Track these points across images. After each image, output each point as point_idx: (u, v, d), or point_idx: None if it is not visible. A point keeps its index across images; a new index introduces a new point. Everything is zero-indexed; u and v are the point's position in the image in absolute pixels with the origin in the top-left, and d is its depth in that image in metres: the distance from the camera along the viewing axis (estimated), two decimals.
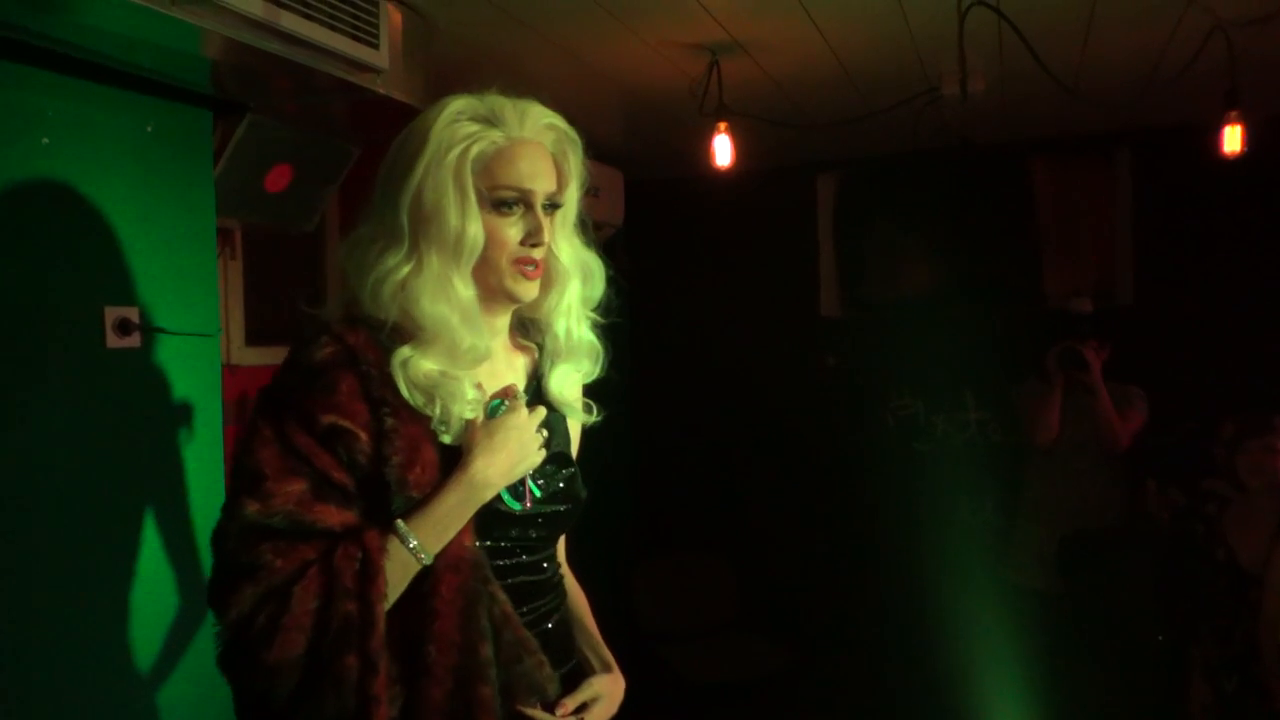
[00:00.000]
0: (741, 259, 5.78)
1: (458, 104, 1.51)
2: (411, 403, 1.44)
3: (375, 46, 2.44)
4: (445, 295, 1.46)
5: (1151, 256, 5.04)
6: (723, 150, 3.62)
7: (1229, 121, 3.48)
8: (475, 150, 1.47)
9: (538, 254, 1.53)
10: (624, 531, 5.84)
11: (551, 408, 1.64)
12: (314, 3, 2.25)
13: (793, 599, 5.58)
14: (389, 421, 1.40)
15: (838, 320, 5.60)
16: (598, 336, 1.68)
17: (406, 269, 1.46)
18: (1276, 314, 4.81)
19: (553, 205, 1.55)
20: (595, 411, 1.69)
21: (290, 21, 2.18)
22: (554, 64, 3.47)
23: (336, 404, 1.40)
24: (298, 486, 1.36)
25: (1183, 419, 4.53)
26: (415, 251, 1.46)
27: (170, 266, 2.50)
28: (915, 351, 5.28)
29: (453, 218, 1.45)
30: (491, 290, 1.53)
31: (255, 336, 3.34)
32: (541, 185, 1.51)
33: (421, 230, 1.46)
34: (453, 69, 3.12)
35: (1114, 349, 4.42)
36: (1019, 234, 5.18)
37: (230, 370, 3.15)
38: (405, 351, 1.45)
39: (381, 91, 2.60)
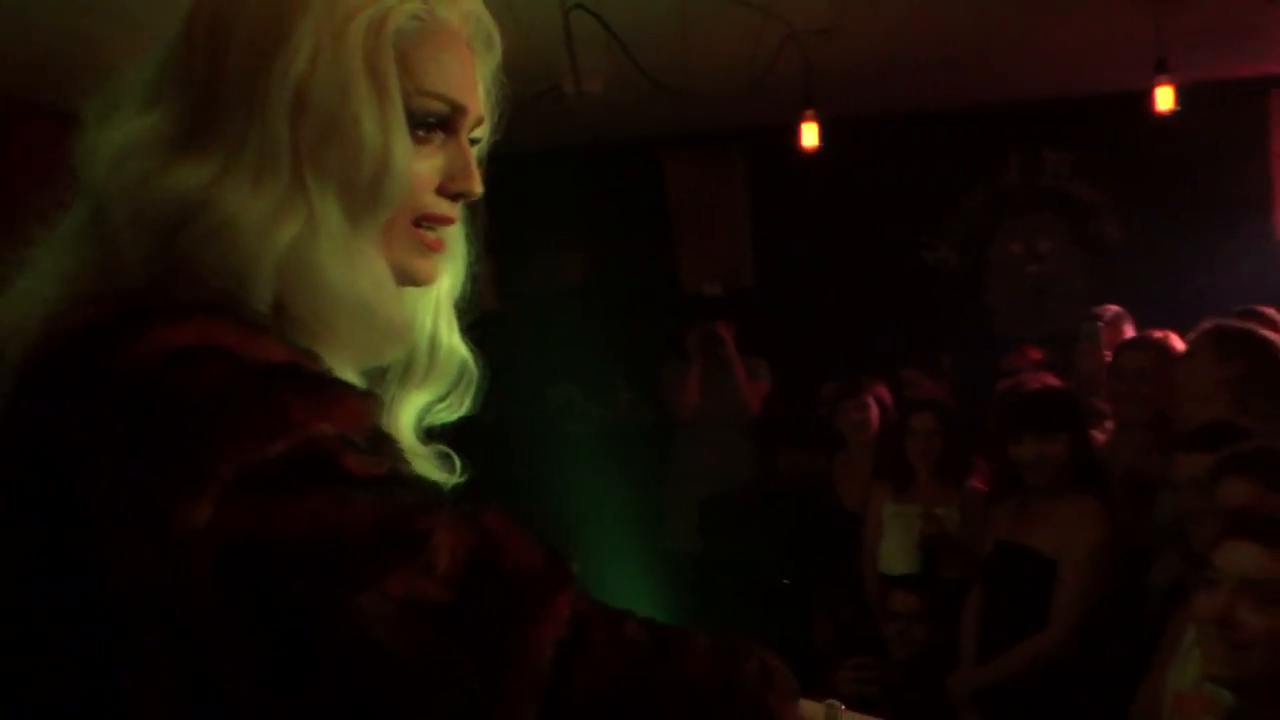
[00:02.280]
0: None
1: None
2: None
3: None
4: (362, 262, 0.85)
5: (767, 242, 5.61)
6: None
7: (805, 119, 3.95)
8: (393, 23, 0.84)
9: (456, 210, 0.93)
10: None
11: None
12: None
13: None
14: None
15: (494, 312, 5.73)
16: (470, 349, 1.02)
17: (293, 221, 0.81)
18: (866, 291, 5.52)
19: (472, 140, 0.95)
20: (458, 467, 1.00)
21: None
22: None
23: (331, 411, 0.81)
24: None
25: (799, 386, 5.08)
26: (301, 187, 0.82)
27: None
28: (569, 339, 5.52)
29: (370, 132, 0.82)
30: None
31: None
32: (474, 102, 0.92)
33: (312, 152, 0.82)
34: None
35: (740, 326, 4.89)
36: (656, 225, 5.60)
37: None
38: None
39: None
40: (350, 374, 0.85)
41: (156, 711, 0.71)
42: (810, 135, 3.90)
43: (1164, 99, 3.98)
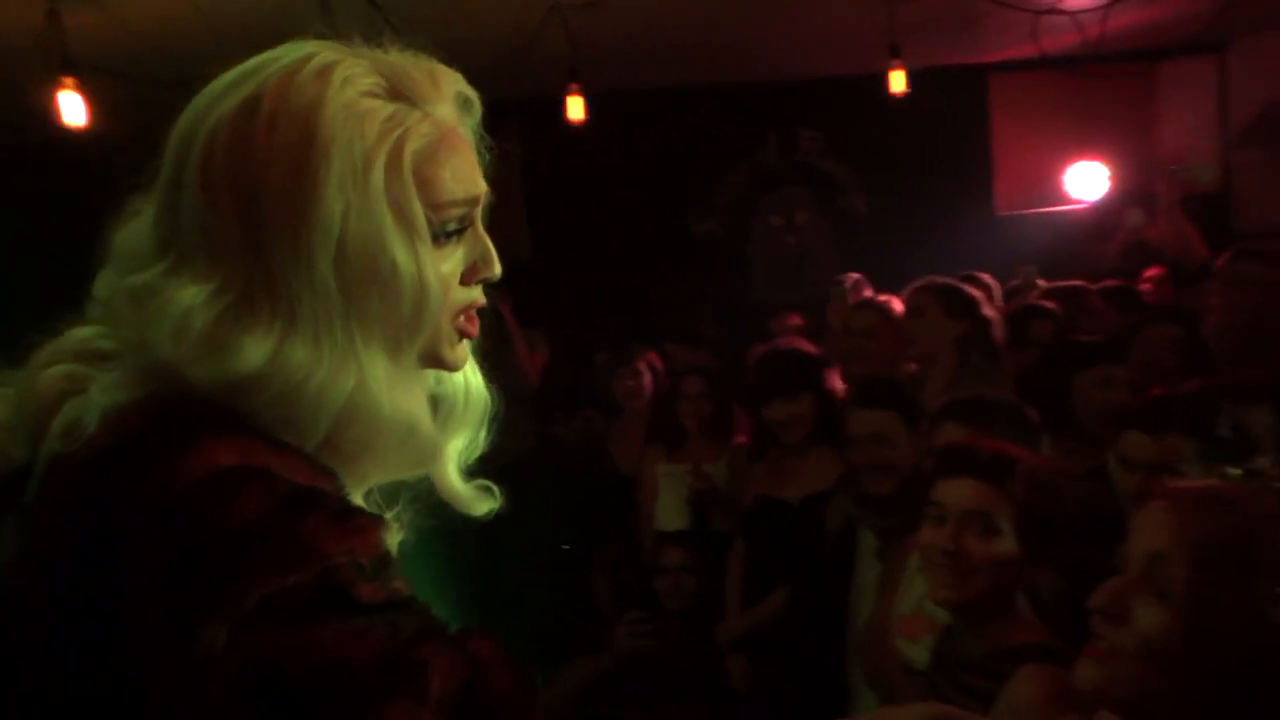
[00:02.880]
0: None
1: (337, 64, 0.88)
2: None
3: None
4: (407, 393, 0.91)
5: (541, 215, 5.67)
6: (72, 109, 3.33)
7: (571, 93, 4.01)
8: (409, 150, 0.88)
9: (481, 292, 0.97)
10: None
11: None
12: None
13: None
14: None
15: None
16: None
17: (350, 374, 0.85)
18: (637, 262, 5.69)
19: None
20: (498, 497, 1.05)
21: None
22: None
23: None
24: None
25: (575, 356, 5.18)
26: (351, 337, 0.86)
27: None
28: None
29: (406, 269, 0.86)
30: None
31: None
32: (480, 186, 0.95)
33: (356, 300, 0.86)
34: None
35: (516, 299, 4.92)
36: None
37: None
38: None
39: None
40: (362, 490, 0.91)
41: None
42: (576, 108, 3.97)
43: (896, 82, 4.33)
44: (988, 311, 3.12)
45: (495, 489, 1.03)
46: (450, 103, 0.92)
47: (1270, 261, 3.25)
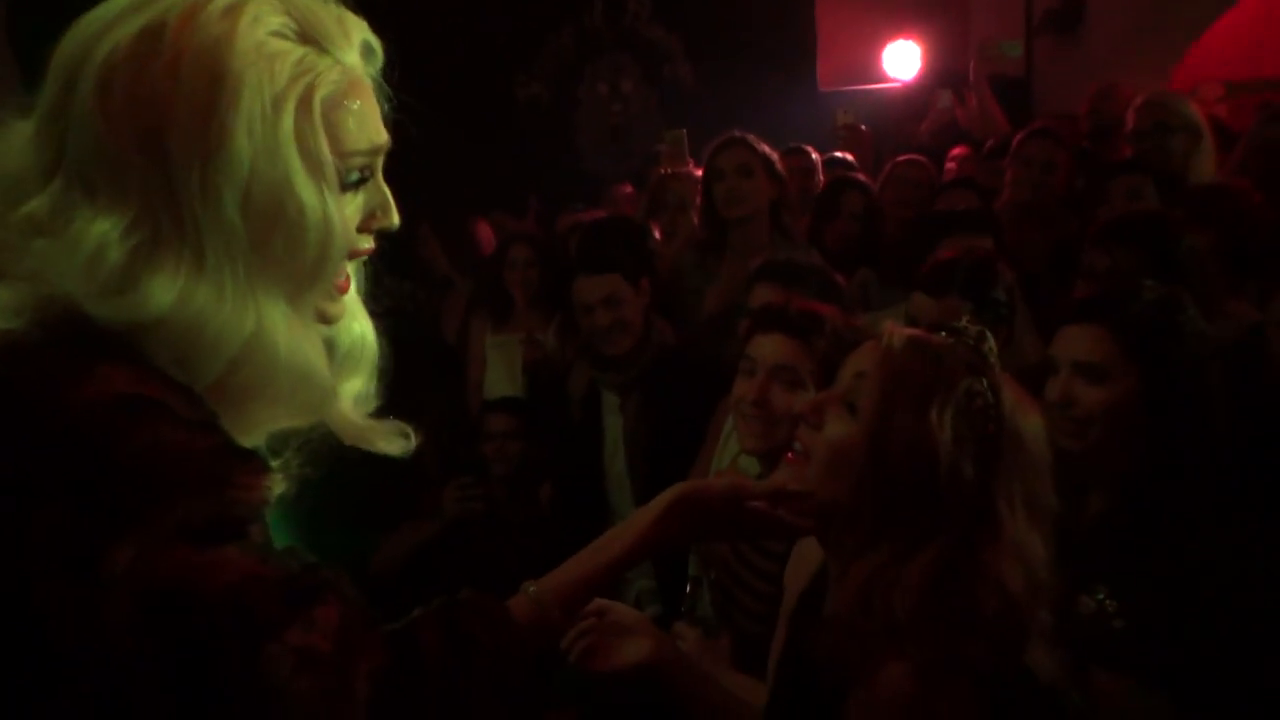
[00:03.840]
0: None
1: (246, 1, 0.86)
2: None
3: None
4: (305, 336, 0.91)
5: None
6: None
7: None
8: (319, 96, 0.87)
9: (372, 241, 0.97)
10: None
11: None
12: None
13: None
14: None
15: None
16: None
17: (250, 318, 0.85)
18: (460, 128, 5.51)
19: None
20: (414, 439, 1.05)
21: None
22: None
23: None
24: None
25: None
26: (252, 280, 0.85)
27: None
28: None
29: (313, 213, 0.86)
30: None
31: None
32: (383, 134, 0.95)
33: (261, 243, 0.85)
34: None
35: None
36: None
37: None
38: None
39: None
40: (250, 439, 0.91)
41: None
42: None
43: None
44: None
45: (410, 433, 1.04)
46: (356, 50, 0.91)
47: (1058, 140, 3.50)
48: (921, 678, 1.07)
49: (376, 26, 0.96)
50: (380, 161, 0.95)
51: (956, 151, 4.55)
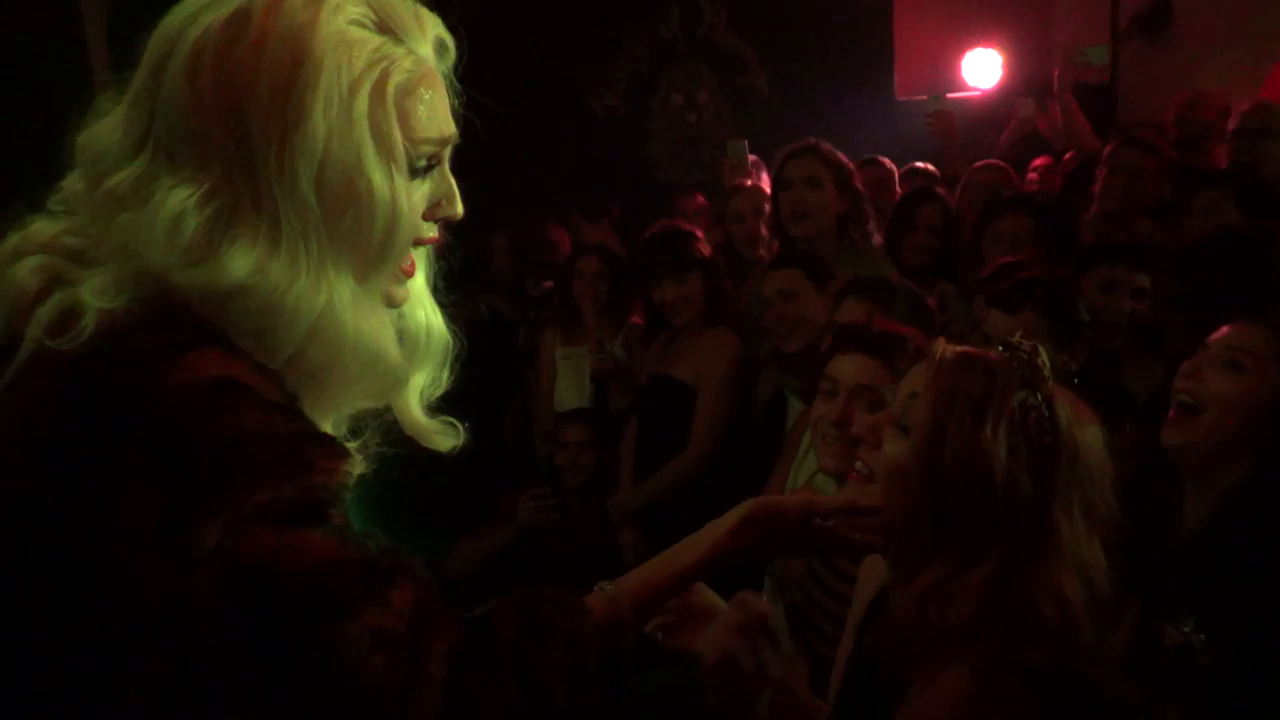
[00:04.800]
0: None
1: None
2: None
3: None
4: (372, 315, 0.95)
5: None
6: None
7: None
8: (394, 83, 0.92)
9: (437, 230, 1.02)
10: None
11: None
12: None
13: None
14: None
15: None
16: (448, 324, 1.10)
17: (322, 292, 0.89)
18: (536, 137, 5.55)
19: None
20: (462, 434, 1.10)
21: None
22: None
23: None
24: None
25: (468, 232, 5.09)
26: (324, 256, 0.89)
27: None
28: None
29: (381, 195, 0.91)
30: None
31: None
32: (452, 127, 1.00)
33: (331, 221, 0.89)
34: None
35: None
36: None
37: None
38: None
39: None
40: (326, 421, 0.96)
41: (147, 708, 0.81)
42: None
43: None
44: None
45: (458, 426, 1.08)
46: (430, 44, 0.96)
47: (1149, 149, 3.41)
48: (979, 682, 1.09)
49: (454, 36, 1.00)
50: (448, 153, 0.99)
51: (1038, 162, 4.45)
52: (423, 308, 1.05)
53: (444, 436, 1.07)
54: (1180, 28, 5.17)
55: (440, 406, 1.08)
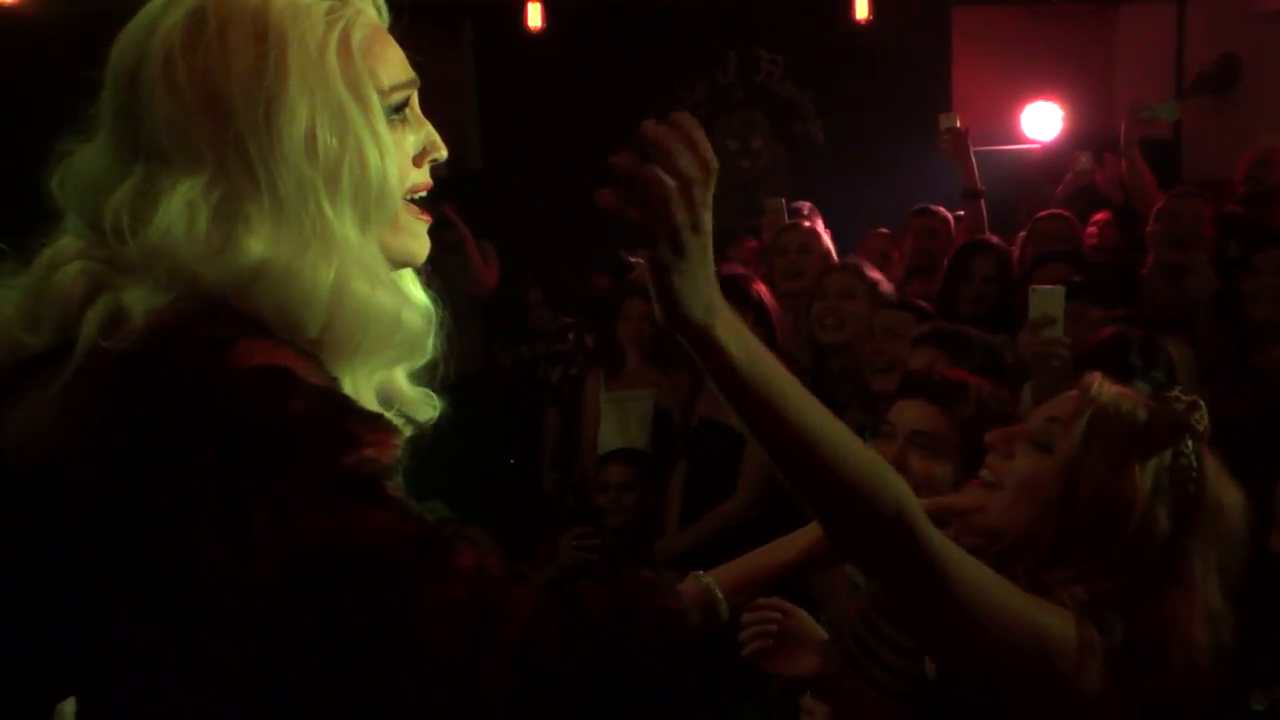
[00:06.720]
0: None
1: None
2: None
3: None
4: (380, 274, 0.96)
5: (494, 124, 5.53)
6: None
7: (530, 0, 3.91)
8: (355, 39, 0.95)
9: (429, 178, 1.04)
10: None
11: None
12: None
13: None
14: None
15: None
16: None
17: (333, 260, 0.91)
18: (591, 177, 5.59)
19: None
20: (439, 406, 1.11)
21: None
22: None
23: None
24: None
25: (523, 270, 5.13)
26: (327, 223, 0.92)
27: None
28: None
29: (370, 149, 0.94)
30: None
31: None
32: (415, 74, 1.02)
33: (329, 186, 0.92)
34: None
35: (466, 209, 4.84)
36: None
37: None
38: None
39: None
40: (369, 390, 0.99)
41: (215, 691, 0.84)
42: (535, 16, 3.86)
43: (861, 7, 4.26)
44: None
45: (436, 397, 1.10)
46: (369, 2, 1.00)
47: (1204, 200, 3.35)
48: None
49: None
50: (415, 96, 1.01)
51: (1099, 217, 4.38)
52: (404, 279, 1.07)
53: (426, 407, 1.08)
54: (1246, 85, 5.08)
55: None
